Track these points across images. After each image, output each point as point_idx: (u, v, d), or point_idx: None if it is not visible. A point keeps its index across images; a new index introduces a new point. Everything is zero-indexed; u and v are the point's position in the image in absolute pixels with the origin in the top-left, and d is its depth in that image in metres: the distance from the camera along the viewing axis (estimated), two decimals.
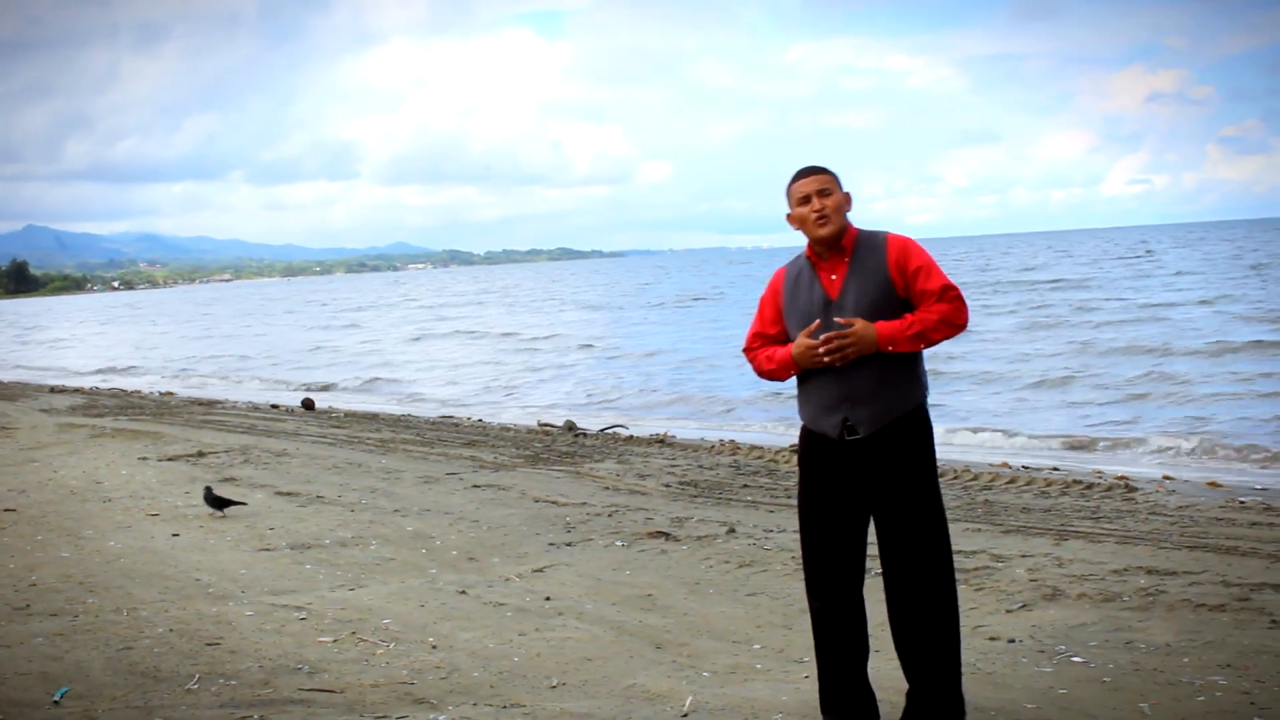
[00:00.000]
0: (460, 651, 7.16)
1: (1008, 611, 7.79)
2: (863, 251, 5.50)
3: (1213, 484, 13.66)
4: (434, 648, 7.22)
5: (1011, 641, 7.12)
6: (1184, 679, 6.41)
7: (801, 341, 5.43)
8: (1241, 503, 12.06)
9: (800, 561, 5.81)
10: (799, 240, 5.63)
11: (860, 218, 5.56)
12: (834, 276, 5.50)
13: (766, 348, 5.70)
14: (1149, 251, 78.51)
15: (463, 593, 8.58)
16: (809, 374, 5.51)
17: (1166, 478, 14.19)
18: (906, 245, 5.51)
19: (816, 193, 5.49)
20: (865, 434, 5.42)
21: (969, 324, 5.60)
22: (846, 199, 5.57)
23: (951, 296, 5.45)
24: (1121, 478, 13.86)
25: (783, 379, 5.68)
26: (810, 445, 5.60)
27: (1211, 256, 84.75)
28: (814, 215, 5.46)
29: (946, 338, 5.48)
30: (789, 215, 5.61)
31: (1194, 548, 9.61)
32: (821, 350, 5.37)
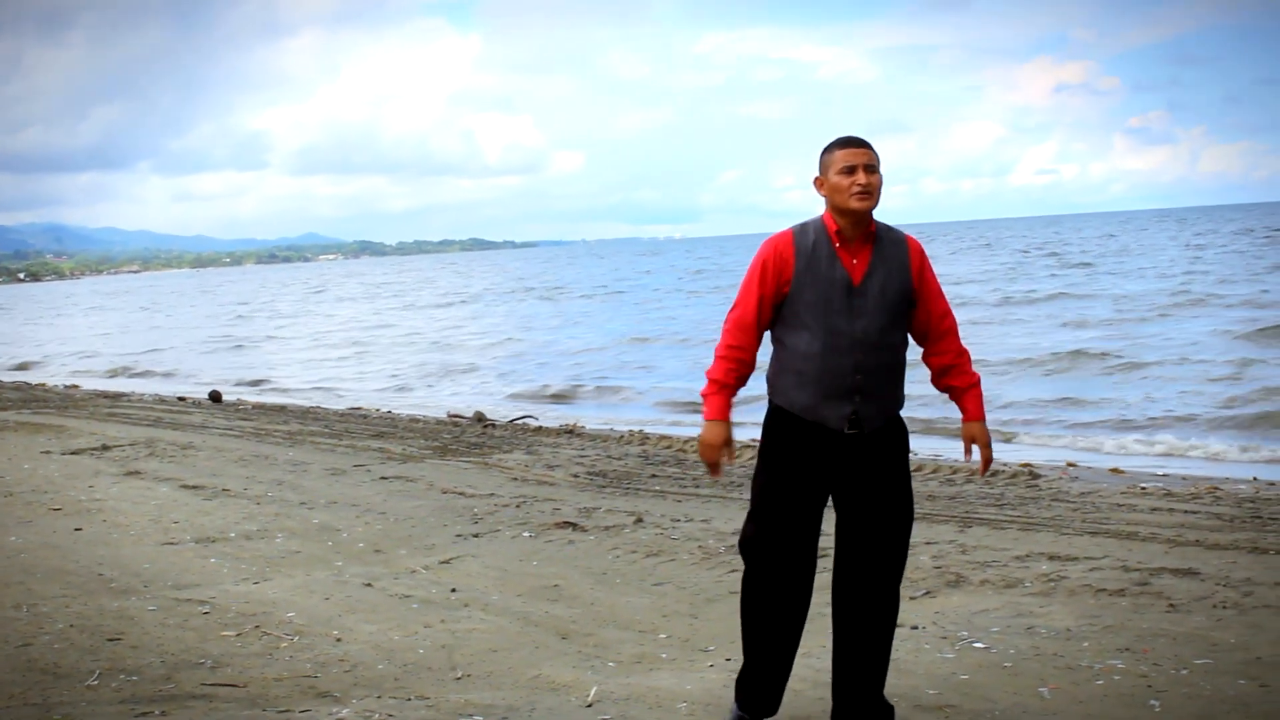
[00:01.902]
0: (364, 644, 7.12)
1: (911, 599, 7.85)
2: (885, 243, 5.27)
3: (1115, 470, 13.84)
4: (338, 641, 7.18)
5: (915, 628, 7.18)
6: (1083, 663, 6.50)
7: (711, 442, 5.31)
8: (1143, 489, 12.23)
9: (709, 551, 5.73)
10: (714, 230, 5.44)
11: (774, 207, 5.35)
12: (855, 260, 5.21)
13: (726, 371, 5.31)
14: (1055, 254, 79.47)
15: (368, 585, 8.54)
16: (814, 355, 5.17)
17: (1070, 464, 14.37)
18: (923, 252, 5.37)
19: (864, 166, 5.17)
20: (869, 430, 5.24)
21: None
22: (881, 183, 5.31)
23: (951, 323, 5.48)
24: (1025, 465, 14.00)
25: (708, 376, 5.34)
26: (792, 432, 5.27)
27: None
28: (856, 188, 5.13)
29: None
30: (821, 181, 5.28)
31: (1095, 533, 9.75)
32: (983, 472, 5.60)
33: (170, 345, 47.51)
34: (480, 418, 20.17)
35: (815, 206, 5.34)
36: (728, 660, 6.79)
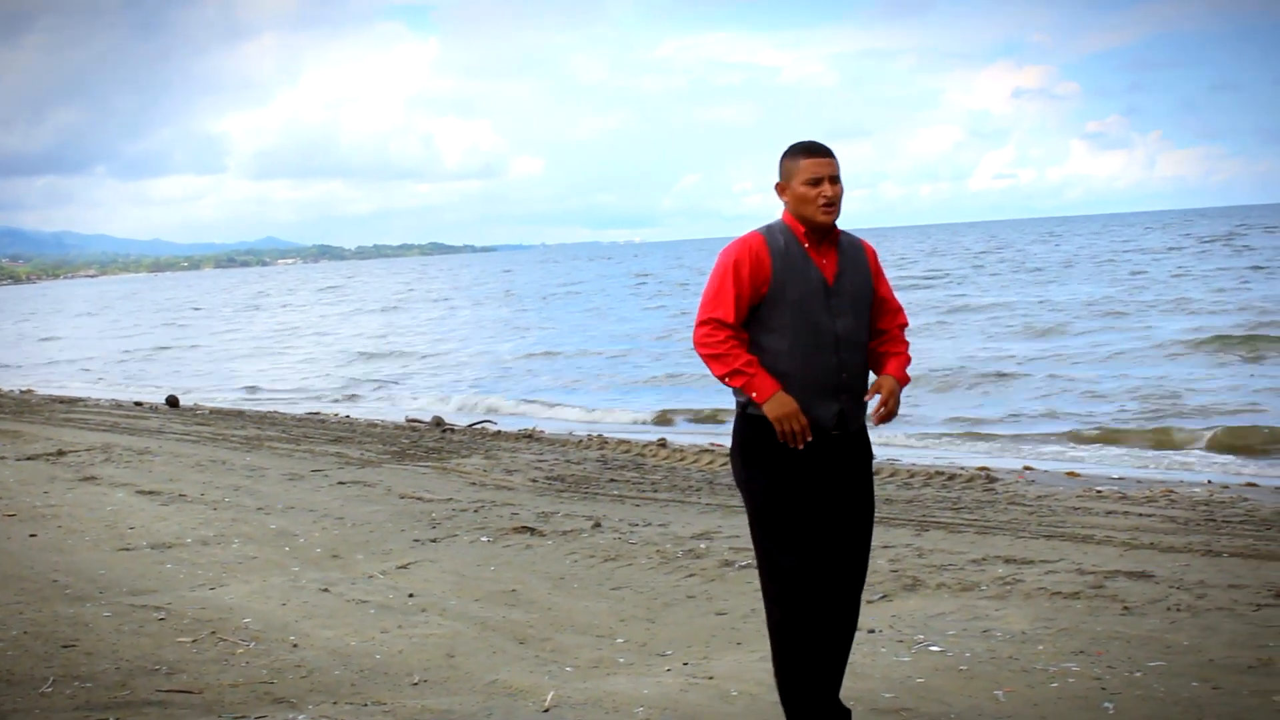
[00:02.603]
0: (321, 650, 7.10)
1: (868, 602, 7.85)
2: (847, 247, 5.24)
3: (1071, 474, 13.92)
4: (295, 646, 7.16)
5: (871, 632, 7.19)
6: (1038, 666, 6.53)
7: (792, 408, 4.99)
8: (1099, 492, 12.30)
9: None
10: (674, 235, 5.33)
11: (734, 211, 5.19)
12: (825, 261, 5.15)
13: (740, 349, 5.06)
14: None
15: (325, 590, 8.51)
16: (799, 355, 5.05)
17: (1027, 468, 14.44)
18: (875, 254, 5.37)
19: (830, 177, 5.10)
20: (853, 429, 5.19)
21: None
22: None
23: (904, 320, 5.47)
24: (982, 469, 14.06)
25: (723, 375, 5.06)
26: (777, 441, 5.07)
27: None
28: (823, 200, 5.07)
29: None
30: (783, 187, 5.19)
31: (1051, 537, 9.80)
32: (878, 421, 5.22)
33: (80, 355, 47.14)
34: (439, 422, 20.15)
35: (775, 211, 5.31)
36: (685, 665, 6.80)
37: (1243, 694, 6.01)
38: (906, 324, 5.47)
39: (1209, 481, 13.04)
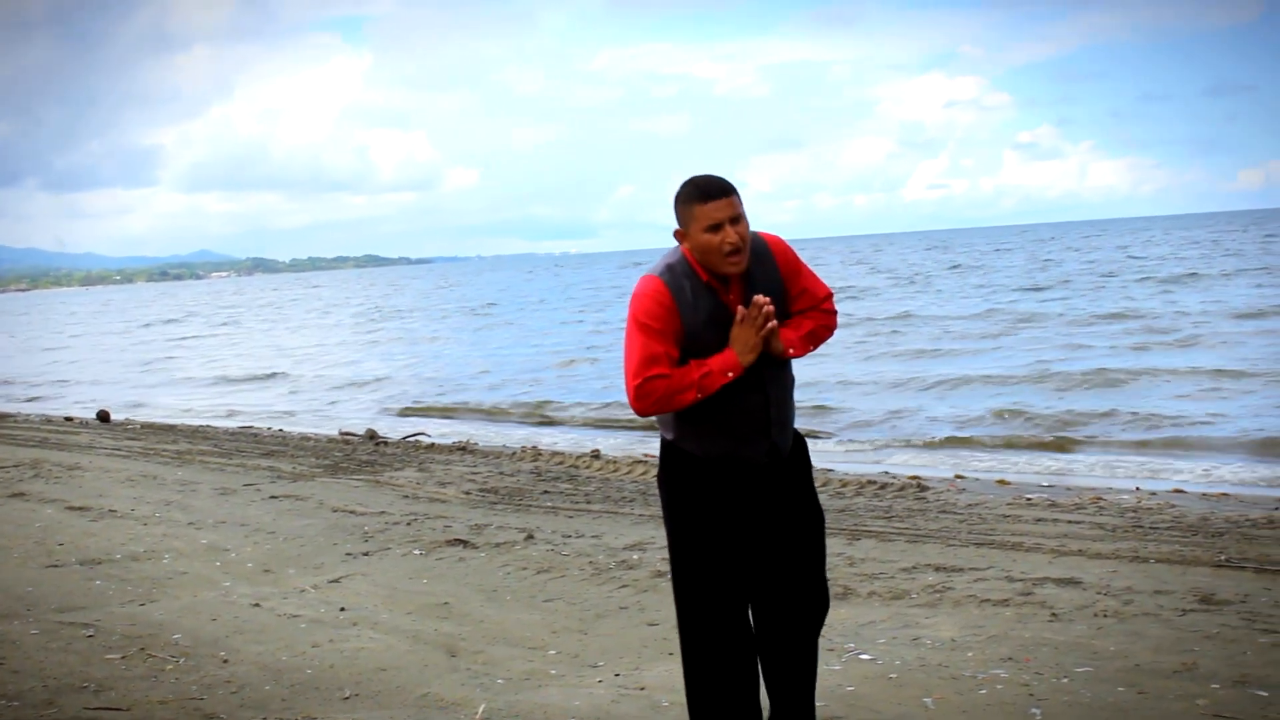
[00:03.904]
0: (252, 665, 7.06)
1: None
2: (753, 265, 4.84)
3: (1002, 482, 14.01)
4: (225, 662, 7.12)
5: None
6: (967, 673, 6.58)
7: (738, 329, 4.72)
8: (1028, 500, 12.40)
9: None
10: (611, 246, 5.09)
11: (669, 223, 4.92)
12: (732, 296, 4.80)
13: (681, 368, 4.74)
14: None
15: (256, 605, 8.47)
16: (723, 405, 4.77)
17: (958, 476, 14.53)
18: (786, 248, 4.98)
19: (730, 220, 4.69)
20: (785, 456, 4.97)
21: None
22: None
23: (831, 305, 5.10)
24: (914, 478, 14.13)
25: (694, 402, 4.74)
26: (704, 472, 4.90)
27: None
28: (728, 248, 4.68)
29: (816, 348, 5.07)
30: (682, 234, 4.81)
31: (981, 544, 9.88)
32: (764, 312, 4.70)
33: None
34: (372, 435, 20.06)
35: None
36: (616, 676, 6.82)
37: (1168, 698, 6.09)
38: (829, 294, 5.08)
39: (1137, 488, 13.15)
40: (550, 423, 22.97)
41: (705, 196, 4.73)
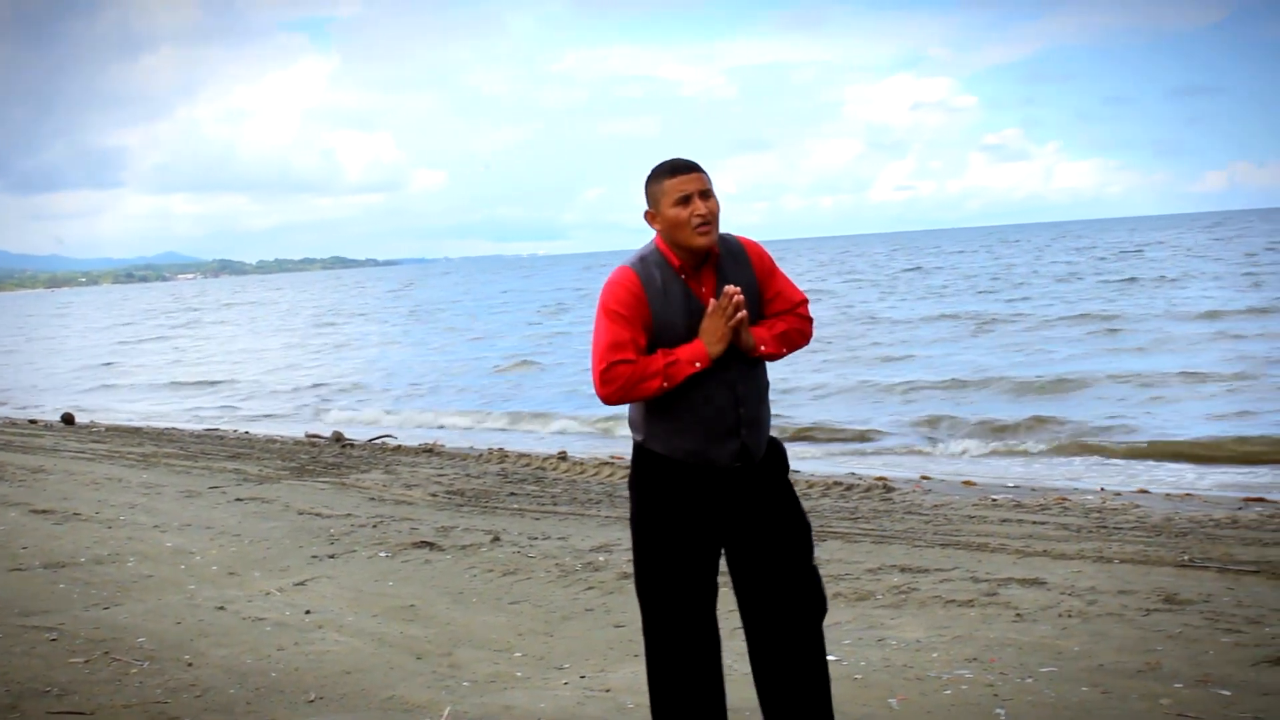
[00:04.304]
0: (216, 669, 7.04)
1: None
2: (727, 262, 4.84)
3: (967, 483, 14.05)
4: (190, 665, 7.09)
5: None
6: (932, 673, 6.61)
7: (708, 320, 4.68)
8: (994, 500, 12.44)
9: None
10: (578, 247, 5.01)
11: (636, 224, 4.86)
12: (704, 289, 4.78)
13: (648, 356, 4.70)
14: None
15: (221, 608, 8.44)
16: (692, 401, 4.72)
17: (924, 478, 14.57)
18: (762, 251, 4.96)
19: (699, 193, 4.70)
20: (757, 460, 4.86)
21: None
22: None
23: (806, 311, 5.02)
24: (880, 479, 14.16)
25: (660, 392, 4.69)
26: (673, 476, 4.83)
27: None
28: (697, 220, 4.67)
29: (791, 351, 4.99)
30: (653, 215, 4.81)
31: (946, 545, 9.91)
32: (734, 302, 4.64)
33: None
34: (338, 438, 20.02)
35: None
36: (582, 678, 6.82)
37: (1131, 698, 6.12)
38: (803, 300, 5.03)
39: (1102, 489, 13.21)
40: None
41: (674, 171, 4.76)
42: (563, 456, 16.80)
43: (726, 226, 4.88)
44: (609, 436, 20.53)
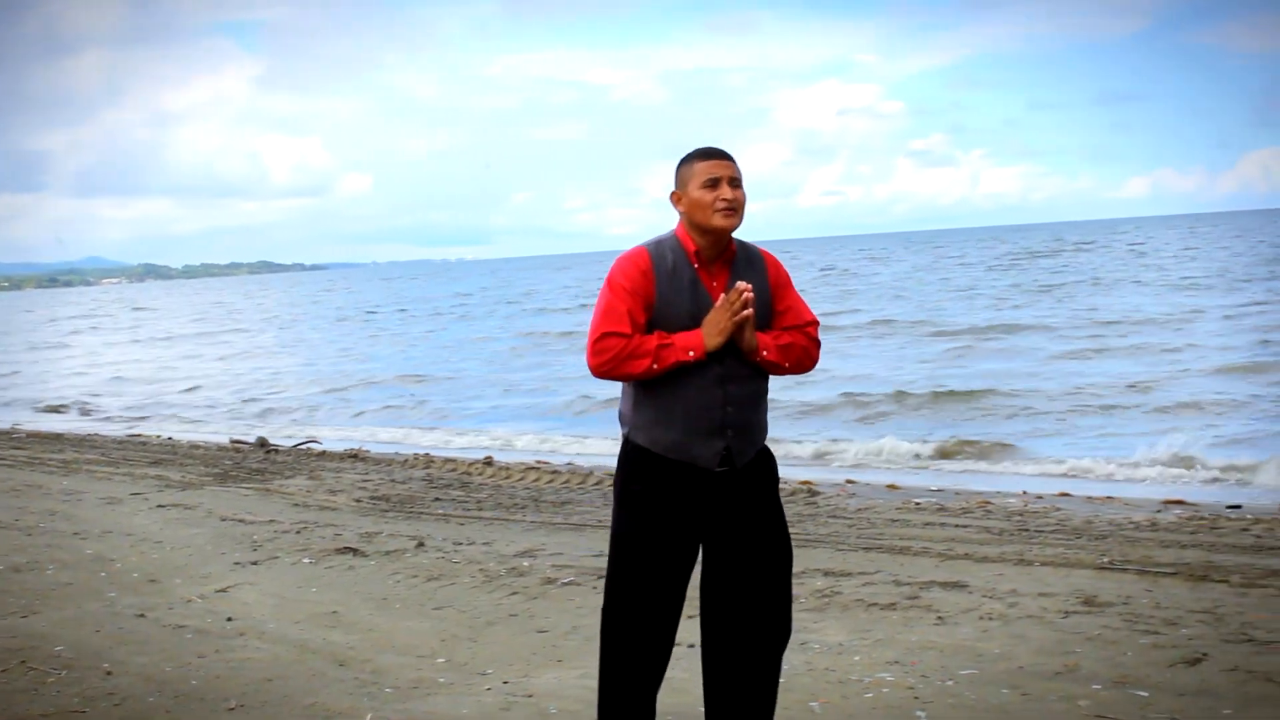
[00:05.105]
0: (135, 677, 6.96)
1: (689, 617, 7.90)
2: (742, 264, 4.86)
3: (892, 486, 14.12)
4: (108, 674, 7.02)
5: (691, 646, 7.23)
6: (854, 677, 6.65)
7: (713, 312, 4.67)
8: (917, 504, 12.50)
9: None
10: (506, 252, 4.92)
11: (564, 229, 4.75)
12: (715, 283, 4.79)
13: (646, 335, 4.69)
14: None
15: (141, 616, 8.37)
16: (680, 391, 4.70)
17: (849, 481, 14.62)
18: (779, 265, 4.99)
19: (729, 179, 4.74)
20: (740, 465, 4.80)
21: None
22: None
23: (816, 333, 5.01)
24: (805, 482, 14.19)
25: (648, 372, 4.66)
26: (656, 473, 4.78)
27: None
28: (722, 204, 4.69)
29: (796, 370, 4.95)
30: (679, 196, 4.82)
31: (870, 549, 9.96)
32: (743, 298, 4.64)
33: None
34: (263, 443, 19.88)
35: (605, 228, 5.03)
36: (505, 683, 6.80)
37: (1050, 700, 6.18)
38: (814, 320, 5.02)
39: (1024, 492, 13.31)
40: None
41: (707, 155, 4.80)
42: (488, 462, 16.77)
43: (650, 230, 4.82)
44: (531, 445, 20.53)
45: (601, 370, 4.67)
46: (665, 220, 4.96)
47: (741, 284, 4.67)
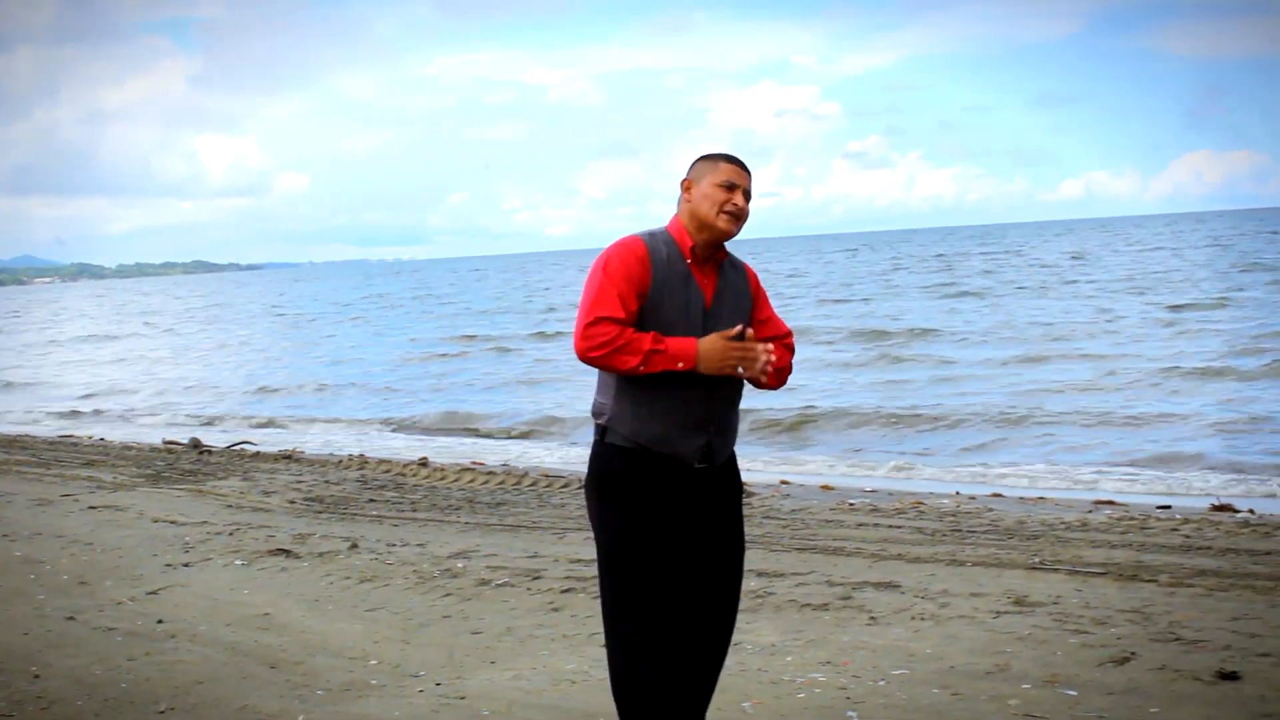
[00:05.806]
0: (64, 680, 6.91)
1: None
2: (728, 270, 4.88)
3: (826, 487, 14.19)
4: (36, 677, 6.95)
5: None
6: (786, 677, 6.68)
7: (719, 342, 4.61)
8: (851, 505, 12.56)
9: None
10: (443, 252, 4.80)
11: (502, 229, 4.69)
12: (706, 282, 4.78)
13: (640, 333, 4.59)
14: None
15: (71, 619, 8.29)
16: (664, 385, 4.63)
17: (783, 482, 14.67)
18: (757, 277, 5.03)
19: (745, 190, 4.79)
20: (719, 463, 4.81)
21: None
22: None
23: (792, 343, 5.03)
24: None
25: (633, 372, 4.56)
26: (639, 469, 4.72)
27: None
28: (731, 207, 4.73)
29: (776, 387, 4.94)
30: (690, 184, 4.84)
31: (803, 549, 10.00)
32: (754, 360, 4.64)
33: None
34: (196, 444, 19.74)
35: (542, 228, 4.98)
36: (437, 685, 6.79)
37: (980, 699, 6.23)
38: (789, 332, 5.05)
39: (957, 493, 13.41)
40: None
41: (733, 160, 4.84)
42: (423, 463, 16.73)
43: (587, 231, 4.91)
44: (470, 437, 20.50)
45: (590, 356, 4.57)
46: (601, 222, 4.91)
47: (764, 346, 4.68)
